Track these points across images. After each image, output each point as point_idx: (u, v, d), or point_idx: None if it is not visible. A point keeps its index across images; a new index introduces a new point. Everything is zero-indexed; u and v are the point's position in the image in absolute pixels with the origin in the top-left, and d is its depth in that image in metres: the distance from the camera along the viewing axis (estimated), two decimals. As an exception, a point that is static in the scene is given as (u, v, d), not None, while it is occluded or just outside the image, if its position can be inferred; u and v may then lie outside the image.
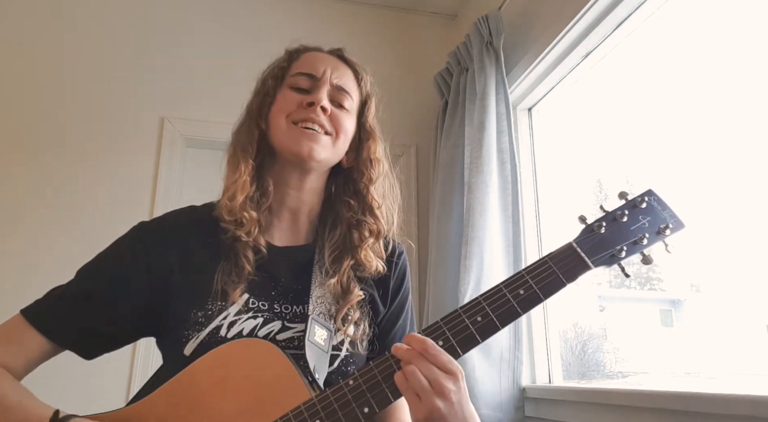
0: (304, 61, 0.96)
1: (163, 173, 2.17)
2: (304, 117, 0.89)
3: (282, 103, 0.92)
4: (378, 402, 0.72)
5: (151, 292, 0.85)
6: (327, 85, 0.93)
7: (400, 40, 2.63)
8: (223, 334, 0.81)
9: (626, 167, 1.87)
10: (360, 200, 0.96)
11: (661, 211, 0.82)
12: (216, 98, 2.28)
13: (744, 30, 1.42)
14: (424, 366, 0.70)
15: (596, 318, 2.04)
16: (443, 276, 1.91)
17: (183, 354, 0.80)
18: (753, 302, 1.52)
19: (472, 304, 0.76)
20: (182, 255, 0.86)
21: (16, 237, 2.00)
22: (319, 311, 0.87)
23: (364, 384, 0.73)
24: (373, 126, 1.00)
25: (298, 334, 0.84)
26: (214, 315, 0.82)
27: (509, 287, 0.77)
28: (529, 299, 0.76)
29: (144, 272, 0.85)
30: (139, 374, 1.94)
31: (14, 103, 2.12)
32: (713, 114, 1.53)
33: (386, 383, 0.73)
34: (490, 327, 0.75)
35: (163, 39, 2.34)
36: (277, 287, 0.88)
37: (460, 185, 1.97)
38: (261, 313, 0.84)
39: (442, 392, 0.69)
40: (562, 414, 1.51)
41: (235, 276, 0.84)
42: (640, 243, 0.79)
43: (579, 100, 2.01)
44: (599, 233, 0.80)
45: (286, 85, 0.94)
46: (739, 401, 0.97)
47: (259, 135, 0.92)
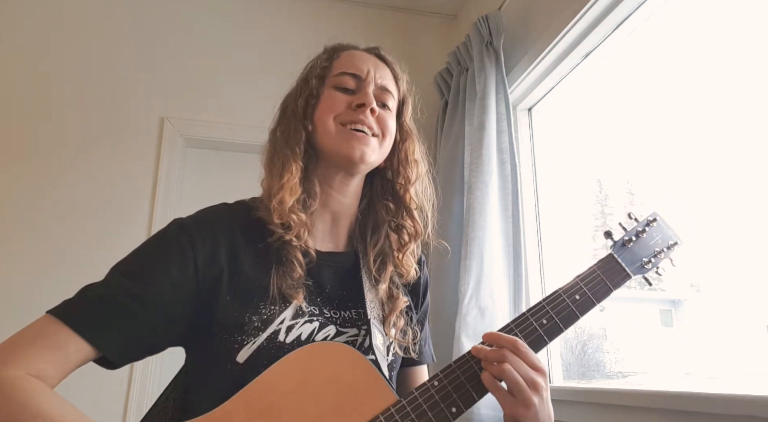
0: (346, 60, 0.94)
1: (163, 173, 2.17)
2: (353, 119, 0.87)
3: (330, 104, 0.89)
4: (464, 402, 0.76)
5: (199, 295, 0.78)
6: (372, 85, 0.91)
7: (400, 40, 2.63)
8: (282, 339, 0.77)
9: (626, 167, 1.87)
10: (398, 203, 0.94)
11: (666, 230, 0.96)
12: (216, 98, 2.28)
13: (744, 30, 1.42)
14: (517, 363, 0.75)
15: (596, 318, 2.04)
16: (443, 276, 1.91)
17: (235, 361, 0.75)
18: (753, 302, 1.52)
19: (537, 308, 0.83)
20: (230, 255, 0.81)
21: (16, 237, 2.00)
22: (374, 316, 0.86)
23: (450, 385, 0.76)
24: (410, 126, 1.00)
25: (352, 339, 0.84)
26: (271, 319, 0.78)
27: (567, 292, 0.85)
28: (584, 303, 0.85)
29: (192, 275, 0.78)
30: (138, 378, 1.94)
31: (14, 103, 2.13)
32: (713, 114, 1.53)
33: (470, 383, 0.77)
34: (555, 330, 0.82)
35: (164, 39, 2.34)
36: (323, 292, 0.86)
37: (460, 185, 1.97)
38: (315, 317, 0.82)
39: (537, 388, 0.74)
40: (562, 414, 1.51)
41: (291, 280, 0.81)
42: (659, 256, 0.94)
43: (579, 100, 2.01)
44: (629, 246, 0.93)
45: (330, 85, 0.91)
46: (739, 401, 0.97)
47: (306, 136, 0.89)
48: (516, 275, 1.75)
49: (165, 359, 1.95)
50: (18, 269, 1.95)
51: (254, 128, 1.94)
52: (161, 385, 2.12)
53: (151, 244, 0.82)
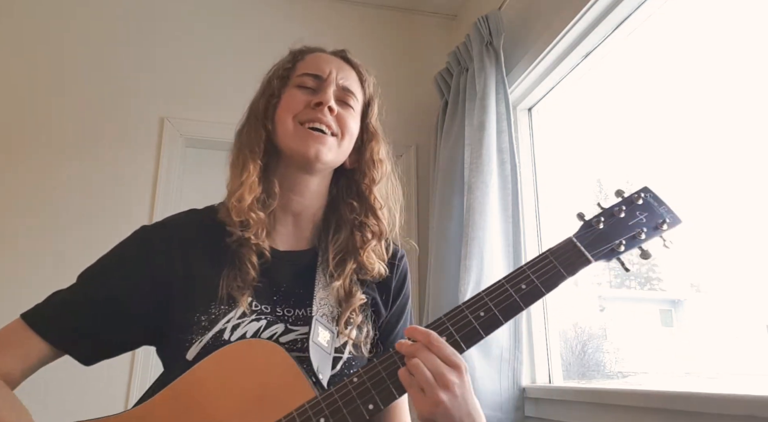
0: (309, 62, 0.96)
1: (163, 173, 2.17)
2: (311, 117, 0.89)
3: (289, 103, 0.91)
4: (383, 399, 0.72)
5: (155, 296, 0.84)
6: (333, 85, 0.92)
7: (400, 40, 2.63)
8: (227, 337, 0.80)
9: (626, 166, 1.87)
10: (362, 202, 0.95)
11: (657, 207, 0.84)
12: (216, 98, 2.28)
13: (744, 30, 1.42)
14: (428, 358, 0.71)
15: (596, 318, 2.04)
16: (443, 276, 1.91)
17: (185, 359, 0.79)
18: (753, 302, 1.52)
19: (475, 299, 0.77)
20: (186, 259, 0.86)
21: (15, 238, 2.00)
22: (322, 313, 0.86)
23: (369, 381, 0.73)
24: (376, 127, 1.00)
25: (301, 337, 0.84)
26: (217, 319, 0.81)
27: (511, 281, 0.78)
28: (531, 293, 0.77)
29: (148, 277, 0.84)
30: (138, 379, 1.94)
31: (14, 103, 2.12)
32: (713, 113, 1.53)
33: (390, 379, 0.73)
34: (493, 322, 0.76)
35: (164, 39, 2.34)
36: (279, 291, 0.88)
37: (460, 185, 1.97)
38: (264, 316, 0.84)
39: (447, 385, 0.69)
40: (562, 414, 1.51)
41: (241, 281, 0.83)
42: (638, 238, 0.81)
43: (579, 100, 2.01)
44: (598, 228, 0.82)
45: (292, 85, 0.94)
46: (739, 401, 0.97)
47: (265, 136, 0.92)
48: (516, 275, 1.75)
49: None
50: (17, 269, 1.95)
51: (254, 128, 1.93)
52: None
53: (113, 249, 0.89)
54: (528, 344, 1.81)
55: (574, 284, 2.08)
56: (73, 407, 1.79)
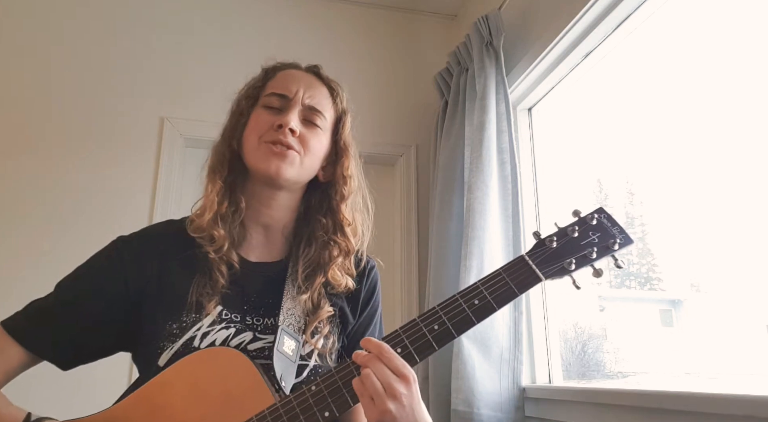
0: (278, 81, 0.99)
1: (163, 173, 2.17)
2: (273, 139, 0.91)
3: (254, 124, 0.95)
4: (338, 407, 0.76)
5: (128, 304, 0.87)
6: (298, 105, 0.95)
7: (400, 40, 2.63)
8: (197, 345, 0.83)
9: (626, 166, 1.87)
10: (332, 218, 0.99)
11: (610, 227, 0.88)
12: (216, 98, 2.26)
13: (744, 30, 1.42)
14: (378, 369, 0.74)
15: (596, 318, 2.04)
16: (443, 276, 1.91)
17: (157, 365, 0.82)
18: (753, 302, 1.52)
19: (430, 313, 0.81)
20: (159, 268, 0.89)
21: (14, 238, 2.00)
22: (289, 322, 0.90)
23: (326, 389, 0.77)
24: (347, 143, 1.02)
25: (269, 345, 0.87)
26: (188, 327, 0.84)
27: (465, 297, 0.81)
28: (483, 308, 0.81)
29: (121, 285, 0.88)
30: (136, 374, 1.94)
31: (14, 103, 2.12)
32: (713, 113, 1.53)
33: (346, 388, 0.77)
34: (445, 335, 0.79)
35: (164, 39, 2.34)
36: (248, 301, 0.91)
37: (460, 185, 1.97)
38: (233, 324, 0.87)
39: (394, 395, 0.73)
40: (562, 414, 1.51)
41: (210, 289, 0.87)
42: (588, 257, 0.85)
43: (579, 100, 2.01)
44: (551, 247, 0.86)
45: (260, 105, 0.97)
46: (739, 401, 0.97)
47: (230, 155, 0.96)
48: (516, 275, 1.75)
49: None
50: (16, 269, 1.95)
51: (254, 128, 1.93)
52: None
53: (89, 260, 0.93)
54: (528, 344, 1.81)
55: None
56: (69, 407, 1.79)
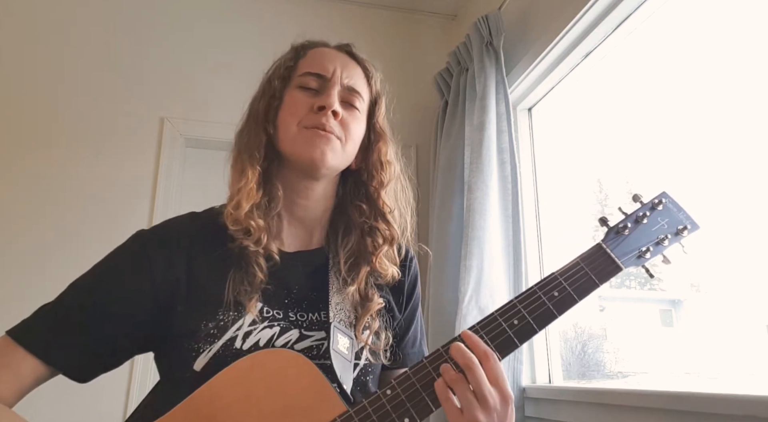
0: (311, 59, 0.90)
1: (163, 173, 2.17)
2: (315, 123, 0.83)
3: (291, 107, 0.86)
4: (419, 412, 0.69)
5: (156, 305, 0.78)
6: (337, 85, 0.87)
7: (400, 40, 2.63)
8: (239, 346, 0.76)
9: (626, 167, 1.87)
10: (371, 205, 0.91)
11: (677, 213, 0.85)
12: (216, 98, 2.28)
13: (744, 29, 1.42)
14: (476, 376, 0.68)
15: (596, 318, 2.04)
16: (443, 276, 1.91)
17: (192, 369, 0.74)
18: (753, 302, 1.52)
19: (508, 307, 0.75)
20: (188, 265, 0.81)
21: (13, 239, 2.00)
22: (339, 318, 0.82)
23: (403, 394, 0.70)
24: (383, 127, 0.95)
25: (317, 343, 0.80)
26: (227, 326, 0.77)
27: (543, 289, 0.76)
28: (563, 300, 0.75)
29: (148, 284, 0.78)
30: (137, 387, 1.93)
31: (14, 103, 2.12)
32: (713, 113, 1.53)
33: (426, 391, 0.70)
34: (527, 330, 0.74)
35: (164, 39, 2.34)
36: (290, 294, 0.84)
37: (460, 185, 1.97)
38: (277, 322, 0.80)
39: (487, 407, 0.67)
40: (562, 414, 1.51)
41: (248, 285, 0.79)
42: (662, 244, 0.82)
43: (579, 100, 2.01)
44: (624, 234, 0.81)
45: (294, 85, 0.88)
46: (739, 401, 0.97)
47: (266, 140, 0.87)
48: (516, 275, 1.75)
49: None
50: (16, 269, 1.95)
51: (254, 128, 1.93)
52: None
53: (108, 257, 0.83)
54: (528, 344, 1.81)
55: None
56: (68, 416, 1.79)
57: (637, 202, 0.86)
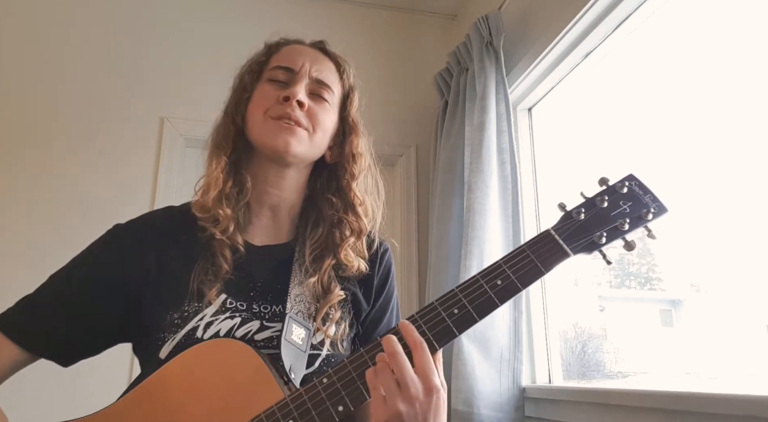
0: (283, 55, 0.94)
1: (163, 173, 2.17)
2: (280, 113, 0.86)
3: (259, 99, 0.90)
4: (353, 400, 0.70)
5: (127, 294, 0.82)
6: (305, 78, 0.90)
7: (400, 40, 2.63)
8: (200, 335, 0.79)
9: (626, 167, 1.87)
10: (342, 198, 0.93)
11: (642, 196, 0.80)
12: (216, 98, 2.26)
13: (744, 29, 1.42)
14: (400, 365, 0.68)
15: (596, 318, 2.04)
16: (443, 276, 1.91)
17: (159, 358, 0.78)
18: (753, 302, 1.52)
19: (448, 296, 0.74)
20: (158, 256, 0.84)
21: (13, 238, 2.00)
22: (298, 310, 0.84)
23: (339, 382, 0.71)
24: (356, 120, 0.97)
25: (277, 334, 0.82)
26: (190, 316, 0.80)
27: (486, 277, 0.74)
28: (506, 289, 0.74)
29: (118, 274, 0.83)
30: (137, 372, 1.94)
31: (14, 103, 2.12)
32: (713, 113, 1.53)
33: (360, 379, 0.71)
34: (466, 319, 0.73)
35: (164, 39, 2.34)
36: (255, 287, 0.86)
37: (460, 185, 1.97)
38: (239, 313, 0.82)
39: (408, 397, 0.66)
40: (562, 414, 1.51)
41: (212, 275, 0.81)
42: (620, 229, 0.77)
43: (579, 100, 2.01)
44: (578, 219, 0.78)
45: (264, 79, 0.92)
46: (739, 401, 0.97)
47: (235, 131, 0.90)
48: (516, 275, 1.75)
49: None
50: (16, 269, 1.95)
51: (254, 128, 1.93)
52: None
53: (84, 250, 0.88)
54: (528, 344, 1.81)
55: (575, 284, 2.08)
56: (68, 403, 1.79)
57: (603, 185, 0.82)
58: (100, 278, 0.83)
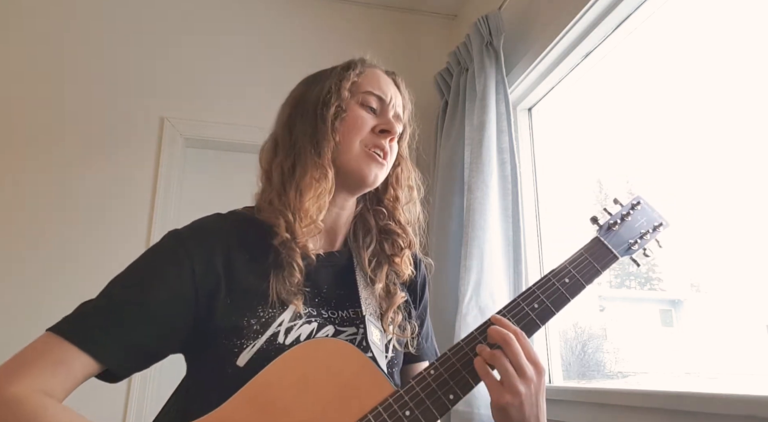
0: (372, 79, 0.95)
1: (163, 173, 2.17)
2: (376, 144, 0.90)
3: (356, 123, 0.90)
4: (461, 388, 0.77)
5: (198, 305, 0.79)
6: (393, 110, 0.95)
7: (400, 40, 2.63)
8: (281, 341, 0.79)
9: (626, 167, 1.87)
10: (389, 213, 0.99)
11: (651, 212, 1.00)
12: (216, 98, 2.28)
13: (744, 29, 1.42)
14: (513, 350, 0.75)
15: (596, 318, 2.04)
16: (443, 276, 1.91)
17: (236, 365, 0.76)
18: (753, 302, 1.52)
19: (528, 293, 0.85)
20: (227, 262, 0.82)
21: (13, 238, 2.00)
22: (370, 312, 0.88)
23: (446, 372, 0.77)
24: (405, 152, 1.03)
25: (351, 337, 0.85)
26: (269, 322, 0.79)
27: (556, 276, 0.87)
28: (574, 286, 0.87)
29: (190, 281, 0.79)
30: (137, 387, 1.94)
31: (14, 104, 2.13)
32: (713, 113, 1.53)
33: (465, 369, 0.78)
34: (546, 313, 0.85)
35: (164, 39, 2.34)
36: (320, 294, 0.88)
37: (460, 185, 1.97)
38: (314, 318, 0.84)
39: (525, 376, 0.74)
40: (562, 414, 1.51)
41: (290, 285, 0.82)
42: (644, 238, 0.97)
43: (579, 100, 2.01)
44: (615, 229, 0.96)
45: (357, 101, 0.92)
46: (739, 401, 0.97)
47: (334, 146, 0.88)
48: (516, 275, 1.75)
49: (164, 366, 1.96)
50: (17, 269, 1.95)
51: (254, 128, 1.93)
52: (160, 392, 2.07)
53: (147, 255, 0.83)
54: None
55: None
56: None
57: (617, 204, 1.00)
58: (172, 286, 0.79)
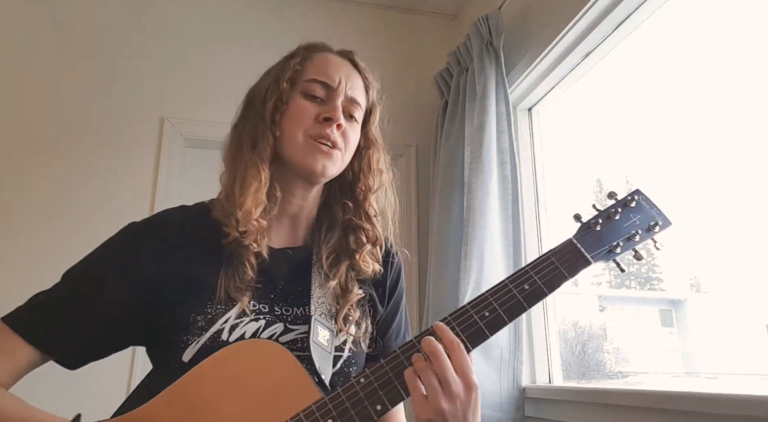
0: (318, 66, 0.92)
1: (163, 173, 2.17)
2: (320, 134, 0.86)
3: (298, 114, 0.88)
4: (390, 400, 0.72)
5: (145, 295, 0.80)
6: (341, 96, 0.90)
7: (400, 40, 2.63)
8: (225, 338, 0.78)
9: (626, 166, 1.87)
10: (357, 205, 0.94)
11: (649, 209, 0.87)
12: (216, 98, 2.27)
13: (744, 29, 1.42)
14: (441, 365, 0.70)
15: (596, 318, 2.04)
16: (443, 276, 1.91)
17: (181, 361, 0.77)
18: (753, 302, 1.52)
19: (479, 300, 0.78)
20: (179, 258, 0.83)
21: (14, 238, 2.00)
22: (321, 312, 0.85)
23: (376, 382, 0.73)
24: (375, 135, 0.98)
25: (301, 336, 0.83)
26: (215, 319, 0.79)
27: (514, 282, 0.79)
28: (534, 293, 0.78)
29: (137, 274, 0.81)
30: (138, 376, 1.94)
31: (14, 104, 2.12)
32: (713, 113, 1.53)
33: (397, 379, 0.73)
34: (497, 322, 0.76)
35: (164, 39, 2.34)
36: (276, 289, 0.86)
37: (460, 185, 1.97)
38: (262, 316, 0.82)
39: (451, 395, 0.70)
40: (562, 414, 1.51)
41: (240, 282, 0.81)
42: (633, 240, 0.84)
43: (579, 100, 2.01)
44: (595, 230, 0.84)
45: (300, 90, 0.90)
46: (739, 401, 0.97)
47: (273, 140, 0.88)
48: (516, 275, 1.75)
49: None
50: (15, 269, 1.95)
51: (254, 128, 1.93)
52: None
53: (101, 248, 0.85)
54: (528, 344, 1.81)
55: (574, 284, 2.08)
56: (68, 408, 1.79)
57: (612, 199, 0.89)
58: (118, 277, 0.81)
